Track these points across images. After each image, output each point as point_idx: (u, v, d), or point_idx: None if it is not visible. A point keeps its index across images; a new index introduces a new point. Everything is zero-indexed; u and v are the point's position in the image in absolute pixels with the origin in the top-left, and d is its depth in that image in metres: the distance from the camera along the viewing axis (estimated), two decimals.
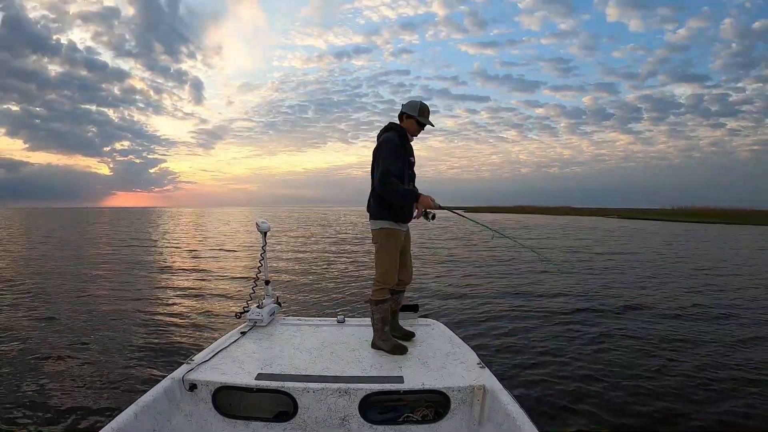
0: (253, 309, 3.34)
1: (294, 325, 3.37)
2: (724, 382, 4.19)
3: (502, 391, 2.18)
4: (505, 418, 2.01)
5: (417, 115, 2.85)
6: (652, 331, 5.83)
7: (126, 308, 7.07)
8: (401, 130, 2.89)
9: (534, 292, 8.61)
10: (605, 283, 9.69)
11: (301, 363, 2.56)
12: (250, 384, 2.26)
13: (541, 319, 6.45)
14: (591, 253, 15.73)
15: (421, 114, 2.85)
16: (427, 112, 2.89)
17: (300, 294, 8.33)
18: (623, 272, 11.29)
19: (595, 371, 4.40)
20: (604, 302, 7.64)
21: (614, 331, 5.83)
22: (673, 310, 7.06)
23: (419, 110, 2.85)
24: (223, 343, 2.86)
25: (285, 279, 9.97)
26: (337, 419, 2.26)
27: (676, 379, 4.25)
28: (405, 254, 3.04)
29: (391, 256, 2.89)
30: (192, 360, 2.49)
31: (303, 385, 2.26)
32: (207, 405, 2.29)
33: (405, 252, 3.04)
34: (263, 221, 3.53)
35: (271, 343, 2.95)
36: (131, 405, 1.98)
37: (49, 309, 7.00)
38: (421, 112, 2.86)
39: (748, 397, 3.89)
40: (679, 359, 4.81)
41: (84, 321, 6.27)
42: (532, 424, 1.87)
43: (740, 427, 3.40)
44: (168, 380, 2.26)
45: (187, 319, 6.41)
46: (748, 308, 7.37)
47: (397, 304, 3.09)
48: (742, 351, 5.12)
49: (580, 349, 5.08)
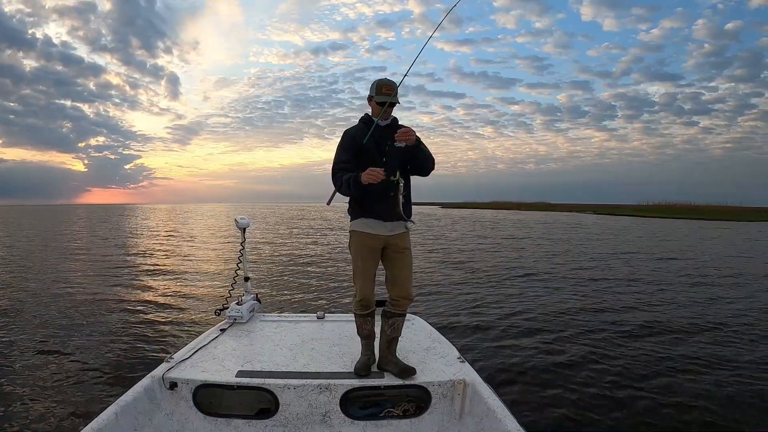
0: (232, 306, 3.32)
1: (274, 321, 3.36)
2: (694, 365, 4.40)
3: (482, 384, 2.22)
4: (485, 412, 2.05)
5: (374, 95, 2.43)
6: (631, 320, 6.05)
7: (103, 306, 6.91)
8: (365, 117, 2.55)
9: (513, 284, 8.79)
10: (590, 278, 9.97)
11: (281, 360, 2.56)
12: (231, 381, 2.25)
13: (520, 313, 6.59)
14: (568, 249, 16.10)
15: (378, 92, 2.42)
16: (385, 89, 2.42)
17: (280, 290, 8.29)
18: (609, 269, 11.62)
19: (576, 364, 4.54)
20: (586, 296, 7.87)
21: (596, 325, 6.01)
22: (648, 300, 7.34)
23: (375, 88, 2.44)
24: (203, 340, 2.83)
25: (265, 275, 9.91)
26: (319, 415, 2.27)
27: (654, 367, 4.43)
28: (393, 264, 2.46)
29: (360, 266, 2.44)
30: (172, 358, 2.47)
31: (284, 381, 2.27)
32: (188, 403, 2.27)
33: (393, 261, 2.46)
34: (242, 217, 3.50)
35: (252, 340, 2.94)
36: (111, 405, 1.96)
37: (22, 308, 6.78)
38: (378, 89, 2.43)
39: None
40: (657, 348, 5.01)
41: (60, 320, 6.11)
42: (512, 418, 1.91)
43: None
44: (148, 379, 2.24)
45: (167, 317, 6.31)
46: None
47: (394, 330, 2.50)
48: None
49: (561, 343, 5.23)
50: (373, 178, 2.18)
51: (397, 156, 2.40)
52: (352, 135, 2.46)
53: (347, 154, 2.41)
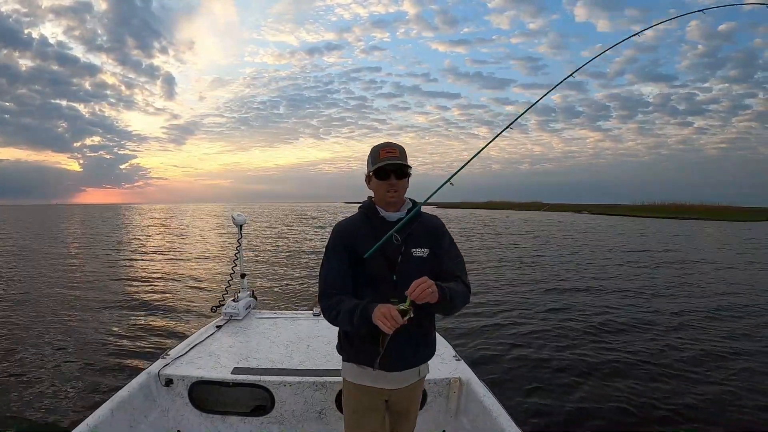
0: (228, 303, 3.31)
1: (270, 318, 3.35)
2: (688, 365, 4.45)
3: (477, 383, 2.23)
4: (480, 410, 2.06)
5: (372, 168, 1.60)
6: (625, 317, 6.09)
7: (100, 303, 6.90)
8: (366, 205, 1.68)
9: (509, 283, 8.82)
10: (582, 275, 10.02)
11: (277, 357, 2.56)
12: (227, 378, 2.25)
13: (516, 311, 6.63)
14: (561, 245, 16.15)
15: (375, 160, 1.59)
16: (384, 151, 1.59)
17: (276, 287, 8.28)
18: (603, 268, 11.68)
19: (573, 363, 4.57)
20: (580, 294, 7.92)
21: (594, 323, 6.05)
22: (647, 296, 7.40)
23: (372, 156, 1.62)
24: (199, 337, 2.83)
25: (261, 272, 9.90)
26: (314, 412, 2.28)
27: (656, 368, 4.47)
28: (394, 421, 1.76)
29: (355, 423, 1.70)
30: (168, 355, 2.46)
31: (279, 378, 2.26)
32: (183, 400, 2.27)
33: (394, 418, 1.75)
34: (239, 214, 3.49)
35: (248, 336, 2.93)
36: (107, 401, 1.96)
37: (19, 305, 6.78)
38: (374, 156, 1.60)
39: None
40: (656, 346, 5.04)
41: (56, 317, 6.09)
42: (507, 416, 1.91)
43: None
44: (144, 375, 2.24)
45: (163, 314, 6.31)
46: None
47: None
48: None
49: (558, 341, 5.27)
50: (386, 323, 1.34)
51: (415, 273, 1.46)
52: (345, 235, 1.63)
53: (340, 269, 1.59)
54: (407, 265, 1.58)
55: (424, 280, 1.39)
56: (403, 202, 1.66)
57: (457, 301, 1.52)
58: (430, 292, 1.37)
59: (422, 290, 1.36)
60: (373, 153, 1.62)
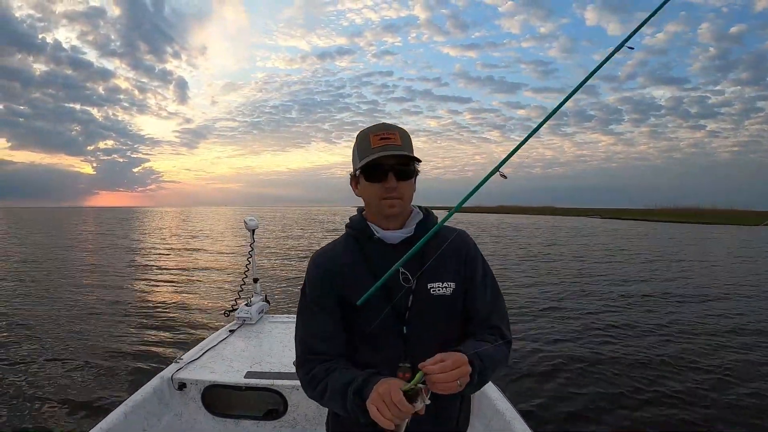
0: (241, 307, 3.31)
1: (283, 322, 3.34)
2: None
3: (491, 386, 2.17)
4: (494, 414, 2.01)
5: (359, 164, 1.06)
6: (636, 318, 5.97)
7: (113, 308, 6.98)
8: (354, 223, 1.15)
9: (524, 284, 8.71)
10: (590, 278, 9.86)
11: (290, 361, 2.54)
12: (240, 382, 2.24)
13: (530, 312, 6.52)
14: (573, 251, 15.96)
15: (364, 151, 1.05)
16: (378, 137, 1.04)
17: (289, 291, 8.30)
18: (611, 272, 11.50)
19: (588, 366, 4.48)
20: (597, 298, 7.78)
21: (609, 326, 5.94)
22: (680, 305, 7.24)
23: (359, 145, 1.08)
24: (212, 341, 2.82)
25: (274, 276, 9.94)
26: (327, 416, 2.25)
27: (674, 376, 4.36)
28: None
29: None
30: (181, 359, 2.46)
31: (293, 383, 2.24)
32: (196, 404, 2.27)
33: None
34: (251, 219, 3.49)
35: (260, 341, 2.93)
36: (120, 405, 1.96)
37: (36, 308, 6.89)
38: (363, 148, 1.06)
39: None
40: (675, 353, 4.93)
41: (71, 321, 6.18)
42: (521, 419, 1.87)
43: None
44: (157, 379, 2.24)
45: (176, 318, 6.36)
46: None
47: None
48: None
49: (571, 344, 5.17)
50: (385, 419, 0.83)
51: (434, 322, 1.09)
52: (326, 274, 1.11)
53: (325, 329, 1.12)
54: (422, 309, 1.07)
55: (453, 360, 0.87)
56: (409, 214, 1.12)
57: (492, 375, 1.02)
58: (457, 386, 0.86)
59: (445, 382, 0.85)
60: (360, 141, 1.07)
